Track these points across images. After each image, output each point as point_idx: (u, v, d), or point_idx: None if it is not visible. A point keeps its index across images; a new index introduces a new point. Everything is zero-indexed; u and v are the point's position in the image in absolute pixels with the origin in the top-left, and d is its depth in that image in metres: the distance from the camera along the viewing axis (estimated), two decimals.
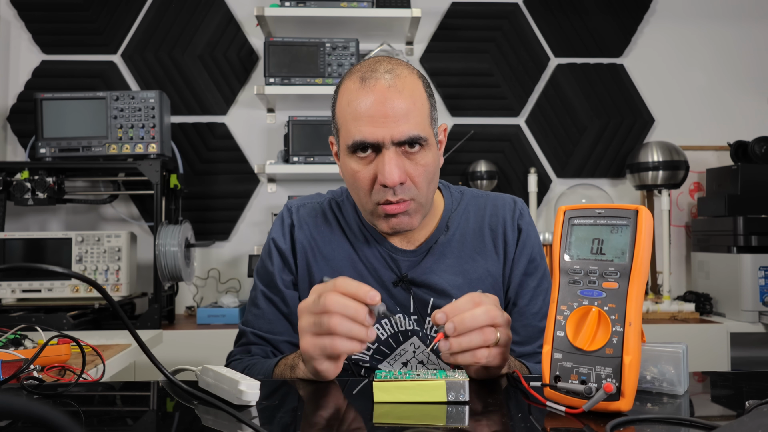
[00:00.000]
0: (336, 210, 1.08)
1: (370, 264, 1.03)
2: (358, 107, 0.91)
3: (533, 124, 2.78)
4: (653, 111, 2.80)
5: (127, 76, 2.68)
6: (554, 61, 2.79)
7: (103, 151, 2.32)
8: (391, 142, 0.90)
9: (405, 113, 0.90)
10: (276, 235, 1.07)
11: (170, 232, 2.25)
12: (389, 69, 0.93)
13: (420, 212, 0.97)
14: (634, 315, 0.65)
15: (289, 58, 2.40)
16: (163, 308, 2.33)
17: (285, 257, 1.06)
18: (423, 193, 0.95)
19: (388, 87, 0.91)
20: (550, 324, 0.70)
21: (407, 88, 0.92)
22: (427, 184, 0.95)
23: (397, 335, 1.02)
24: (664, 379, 0.73)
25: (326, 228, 1.06)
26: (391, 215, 0.94)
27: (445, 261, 1.03)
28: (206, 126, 2.68)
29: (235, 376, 0.71)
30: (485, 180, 2.61)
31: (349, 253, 1.04)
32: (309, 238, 1.06)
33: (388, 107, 0.90)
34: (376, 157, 0.93)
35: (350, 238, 1.05)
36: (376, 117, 0.90)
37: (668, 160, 2.52)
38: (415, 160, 0.93)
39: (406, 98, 0.91)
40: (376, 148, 0.92)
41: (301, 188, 2.70)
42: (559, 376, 0.67)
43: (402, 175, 0.91)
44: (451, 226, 1.05)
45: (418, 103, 0.93)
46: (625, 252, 0.66)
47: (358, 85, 0.92)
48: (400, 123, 0.90)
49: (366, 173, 0.93)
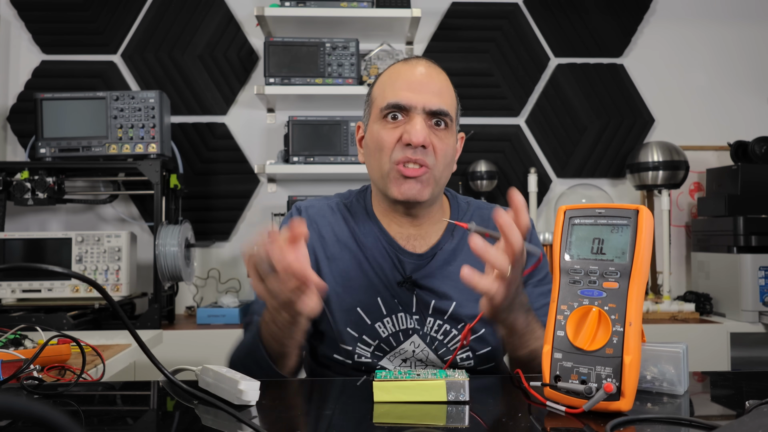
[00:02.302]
0: (344, 211, 1.11)
1: (377, 263, 1.05)
2: (399, 77, 1.03)
3: (533, 124, 2.78)
4: (653, 111, 2.80)
5: (127, 76, 2.68)
6: (554, 61, 2.79)
7: (103, 151, 2.32)
8: (422, 109, 0.99)
9: (440, 90, 1.02)
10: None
11: (170, 232, 2.25)
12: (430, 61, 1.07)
13: (431, 185, 1.01)
14: (635, 315, 0.65)
15: (289, 58, 2.40)
16: (163, 308, 2.33)
17: None
18: (439, 169, 1.01)
19: (428, 67, 1.04)
20: (550, 324, 0.70)
21: (443, 76, 1.06)
22: (444, 164, 1.02)
23: (398, 333, 1.04)
24: (665, 379, 0.73)
25: (335, 226, 1.09)
26: (406, 177, 0.99)
27: (448, 268, 1.05)
28: (206, 126, 2.68)
29: (234, 376, 0.71)
30: (485, 180, 2.61)
31: (356, 253, 1.06)
32: (318, 236, 1.08)
33: (426, 80, 1.02)
34: (404, 123, 1.00)
35: (358, 238, 1.07)
36: (414, 85, 1.01)
37: (668, 160, 2.52)
38: (439, 135, 1.01)
39: (442, 80, 1.04)
40: (407, 114, 1.00)
41: (301, 188, 2.70)
42: (560, 376, 0.67)
43: (427, 138, 0.98)
44: (456, 234, 1.08)
45: (451, 90, 1.05)
46: (626, 252, 0.66)
47: (401, 64, 1.05)
48: (434, 95, 1.00)
49: (392, 134, 1.00)
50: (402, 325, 1.04)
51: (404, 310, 1.04)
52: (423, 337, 1.04)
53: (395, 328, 1.04)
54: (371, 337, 1.03)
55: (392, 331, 1.04)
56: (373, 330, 1.03)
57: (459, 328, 1.03)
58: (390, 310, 1.04)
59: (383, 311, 1.04)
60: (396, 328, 1.04)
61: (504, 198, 2.76)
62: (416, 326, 1.04)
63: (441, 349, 1.03)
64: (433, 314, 1.03)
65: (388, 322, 1.04)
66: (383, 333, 1.04)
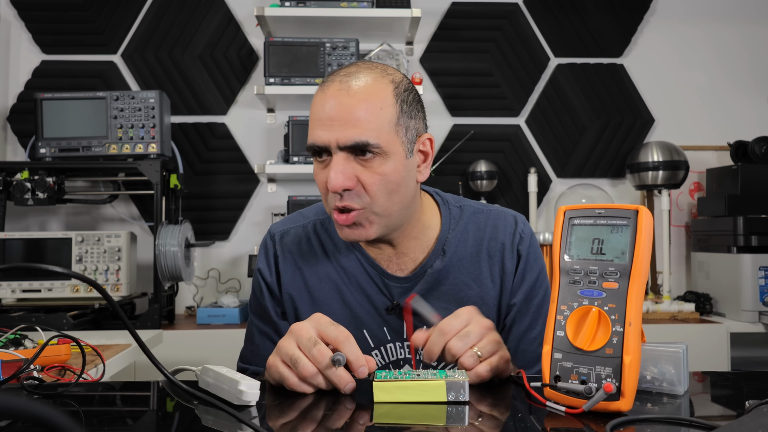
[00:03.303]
0: (322, 232, 1.03)
1: (361, 290, 0.99)
2: (313, 111, 0.90)
3: (533, 124, 2.78)
4: (653, 111, 2.80)
5: (127, 76, 2.68)
6: (554, 61, 2.79)
7: (103, 151, 2.32)
8: (337, 146, 0.87)
9: (355, 117, 0.86)
10: (262, 266, 1.05)
11: (170, 232, 2.25)
12: (351, 73, 0.90)
13: (376, 223, 0.91)
14: (634, 315, 0.65)
15: (289, 58, 2.40)
16: (163, 308, 2.33)
17: (272, 290, 1.04)
18: (380, 203, 0.89)
19: (339, 90, 0.88)
20: (550, 324, 0.70)
21: (362, 92, 0.87)
22: (386, 195, 0.89)
23: (388, 365, 1.00)
24: (664, 379, 0.73)
25: (311, 257, 1.02)
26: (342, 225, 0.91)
27: (439, 288, 0.99)
28: (206, 126, 2.68)
29: (235, 376, 0.71)
30: (485, 180, 2.61)
31: (337, 283, 1.00)
32: (294, 268, 1.02)
33: (336, 111, 0.87)
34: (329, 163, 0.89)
35: (339, 263, 1.01)
36: (324, 120, 0.87)
37: (668, 160, 2.52)
38: (369, 167, 0.88)
39: (358, 101, 0.87)
40: (329, 153, 0.89)
41: (301, 188, 2.70)
42: (559, 376, 0.67)
43: (347, 181, 0.87)
44: (448, 250, 1.00)
45: (376, 107, 0.87)
46: (625, 252, 0.66)
47: (318, 93, 0.91)
48: (346, 127, 0.86)
49: (322, 177, 0.90)
50: (392, 356, 0.99)
51: (394, 339, 0.98)
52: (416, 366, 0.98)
53: (385, 360, 0.99)
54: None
55: (381, 364, 0.99)
56: None
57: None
58: (378, 341, 0.98)
59: (370, 344, 0.98)
60: (386, 360, 0.99)
61: (504, 198, 2.76)
62: (407, 355, 0.99)
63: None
64: None
65: (376, 354, 0.99)
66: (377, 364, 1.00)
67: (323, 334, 0.75)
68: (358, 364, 0.73)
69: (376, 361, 0.97)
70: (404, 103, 0.91)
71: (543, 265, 1.06)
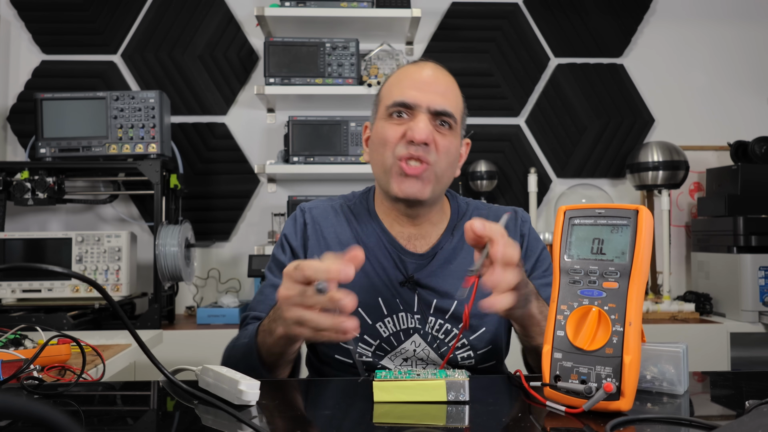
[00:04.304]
0: (347, 212, 1.13)
1: (379, 263, 1.06)
2: (406, 76, 1.05)
3: (533, 124, 2.78)
4: (653, 111, 2.80)
5: (127, 76, 2.68)
6: (554, 61, 2.79)
7: (103, 151, 2.32)
8: (427, 108, 1.01)
9: (445, 91, 1.04)
10: (288, 232, 1.13)
11: (170, 232, 2.25)
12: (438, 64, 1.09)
13: (431, 183, 1.02)
14: (634, 315, 0.65)
15: (289, 58, 2.40)
16: (163, 308, 2.33)
17: (296, 252, 1.11)
18: (441, 167, 1.02)
19: (436, 69, 1.06)
20: (550, 324, 0.70)
21: (450, 79, 1.08)
22: (446, 162, 1.03)
23: (399, 333, 1.05)
24: (664, 379, 0.73)
25: (338, 228, 1.11)
26: (407, 175, 1.00)
27: (449, 266, 1.07)
28: (206, 126, 2.68)
29: (235, 376, 0.71)
30: (485, 180, 2.61)
31: None
32: (320, 237, 1.10)
33: (433, 81, 1.04)
34: (408, 121, 1.02)
35: (360, 239, 1.09)
36: (421, 84, 1.03)
37: (668, 160, 2.52)
38: (442, 134, 1.03)
39: (448, 82, 1.06)
40: (412, 113, 1.02)
41: (301, 188, 2.70)
42: (559, 376, 0.67)
43: (429, 136, 1.00)
44: (456, 234, 1.10)
45: (457, 93, 1.07)
46: (626, 252, 0.66)
47: (410, 65, 1.08)
48: (439, 95, 1.02)
49: (396, 131, 1.02)
50: (403, 324, 1.05)
51: (406, 309, 1.05)
52: (424, 336, 1.05)
53: (396, 328, 1.05)
54: (372, 336, 1.04)
55: (393, 330, 1.05)
56: (374, 330, 1.04)
57: (460, 327, 1.04)
58: (391, 309, 1.05)
59: (384, 311, 1.05)
60: (397, 328, 1.05)
61: (504, 198, 2.76)
62: (417, 325, 1.05)
63: (442, 348, 1.04)
64: (434, 313, 1.04)
65: (389, 321, 1.05)
66: (384, 333, 1.05)
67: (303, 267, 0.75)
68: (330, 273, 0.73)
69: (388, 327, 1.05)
70: (465, 103, 1.11)
71: (544, 245, 1.16)
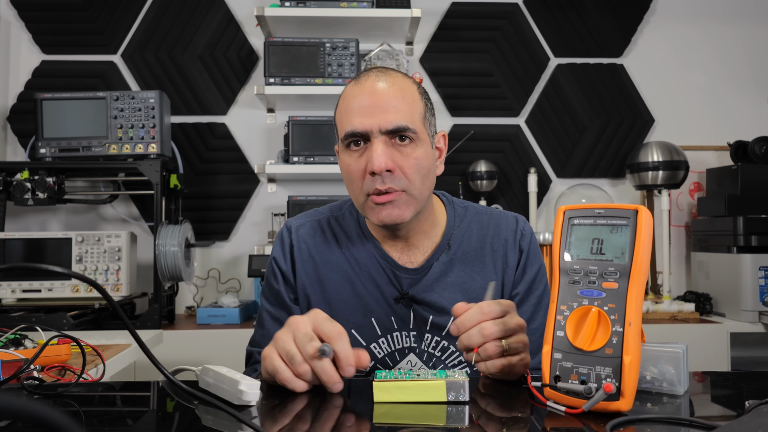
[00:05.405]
0: (336, 227, 1.09)
1: (372, 280, 1.04)
2: (350, 103, 0.98)
3: (533, 124, 2.78)
4: (653, 111, 2.80)
5: (127, 76, 2.68)
6: (554, 61, 2.79)
7: (103, 151, 2.32)
8: (378, 131, 0.95)
9: (393, 105, 0.95)
10: (277, 255, 1.09)
11: (170, 232, 2.25)
12: (383, 72, 1.00)
13: (412, 205, 0.97)
14: (634, 315, 0.65)
15: (289, 58, 2.40)
16: (163, 308, 2.33)
17: (287, 277, 1.08)
18: (415, 186, 0.97)
19: (378, 82, 0.98)
20: (549, 324, 0.70)
21: (397, 85, 0.98)
22: (420, 178, 0.97)
23: (394, 353, 1.03)
24: (664, 379, 0.73)
25: (325, 247, 1.07)
26: (380, 204, 0.96)
27: (445, 279, 1.04)
28: (206, 126, 2.68)
29: (235, 376, 0.71)
30: (485, 180, 2.61)
31: (348, 273, 1.05)
32: (308, 258, 1.07)
33: (377, 99, 0.96)
34: (366, 149, 0.96)
35: (351, 256, 1.06)
36: (365, 108, 0.95)
37: (668, 160, 2.52)
38: (405, 152, 0.96)
39: (395, 92, 0.97)
40: (366, 140, 0.96)
41: (301, 188, 2.70)
42: (559, 376, 0.67)
43: (389, 163, 0.94)
44: (453, 244, 1.06)
45: (408, 99, 0.98)
46: (625, 252, 0.66)
47: (352, 86, 1.00)
48: (388, 113, 0.95)
49: (358, 165, 0.97)
50: (398, 344, 1.03)
51: (401, 327, 1.02)
52: (420, 355, 1.03)
53: (391, 348, 1.03)
54: None
55: (388, 351, 1.03)
56: (368, 351, 1.02)
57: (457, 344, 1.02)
58: (385, 329, 1.02)
59: (378, 331, 1.02)
60: (392, 348, 1.03)
61: (504, 198, 2.76)
62: (413, 344, 1.03)
63: (439, 366, 1.03)
64: (430, 330, 1.02)
65: (383, 342, 1.03)
66: (379, 354, 1.03)
67: (318, 329, 0.76)
68: (346, 361, 0.73)
69: (383, 348, 1.02)
70: (427, 101, 1.03)
71: (542, 262, 1.13)
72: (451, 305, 0.98)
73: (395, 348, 1.03)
